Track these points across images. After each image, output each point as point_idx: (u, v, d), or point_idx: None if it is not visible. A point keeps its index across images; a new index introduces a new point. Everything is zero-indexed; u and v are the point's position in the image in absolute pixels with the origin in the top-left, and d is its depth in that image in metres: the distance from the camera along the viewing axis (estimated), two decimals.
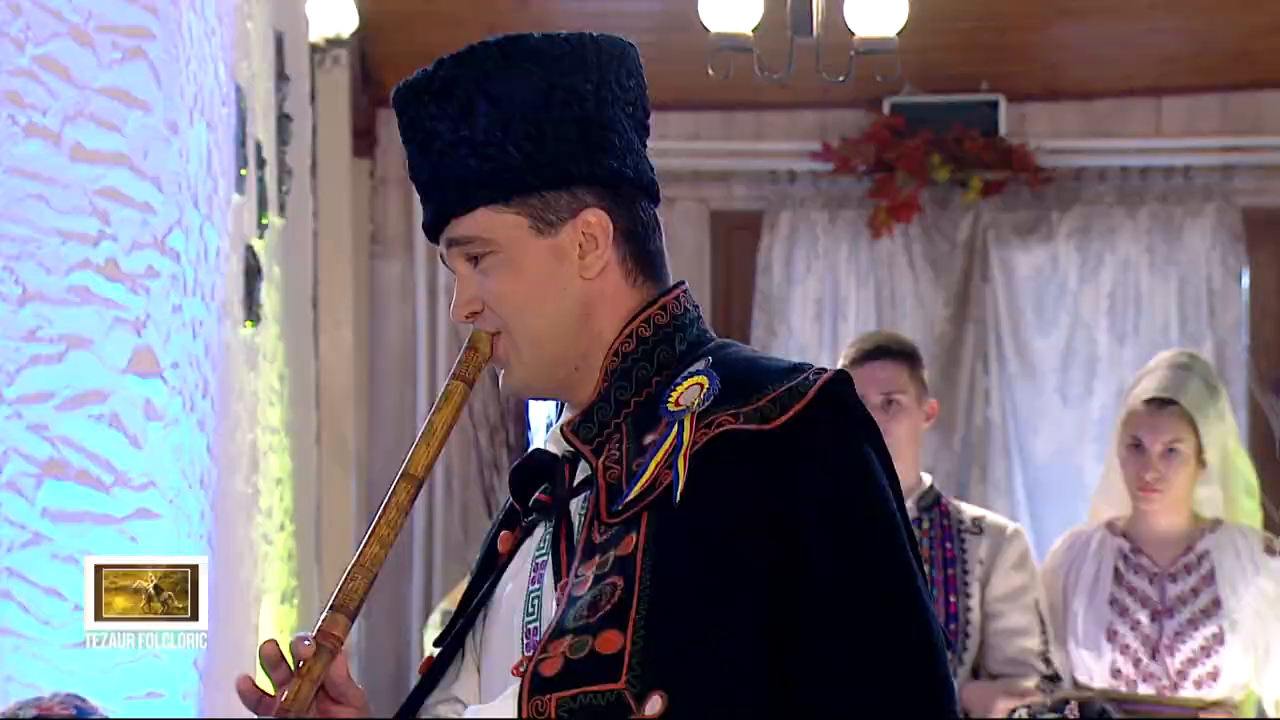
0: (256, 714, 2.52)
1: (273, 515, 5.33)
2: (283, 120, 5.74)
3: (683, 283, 2.69)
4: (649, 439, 2.53)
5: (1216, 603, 5.11)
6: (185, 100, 4.25)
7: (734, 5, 7.16)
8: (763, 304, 9.52)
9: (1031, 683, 4.98)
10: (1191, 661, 5.10)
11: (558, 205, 2.61)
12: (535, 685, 2.41)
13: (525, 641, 2.58)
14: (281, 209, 5.64)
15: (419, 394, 9.74)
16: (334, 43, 7.95)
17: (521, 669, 2.43)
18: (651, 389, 2.60)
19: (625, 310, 2.64)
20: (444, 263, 2.69)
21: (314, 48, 7.35)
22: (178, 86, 4.21)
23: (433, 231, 2.66)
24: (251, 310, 4.98)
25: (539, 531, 2.65)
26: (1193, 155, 9.50)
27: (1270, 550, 5.17)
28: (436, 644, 2.79)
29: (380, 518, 2.58)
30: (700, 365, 2.58)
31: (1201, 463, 5.14)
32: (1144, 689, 5.06)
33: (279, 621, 5.38)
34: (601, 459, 2.56)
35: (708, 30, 7.28)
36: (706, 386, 2.54)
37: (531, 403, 7.58)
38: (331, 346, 8.24)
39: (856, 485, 2.51)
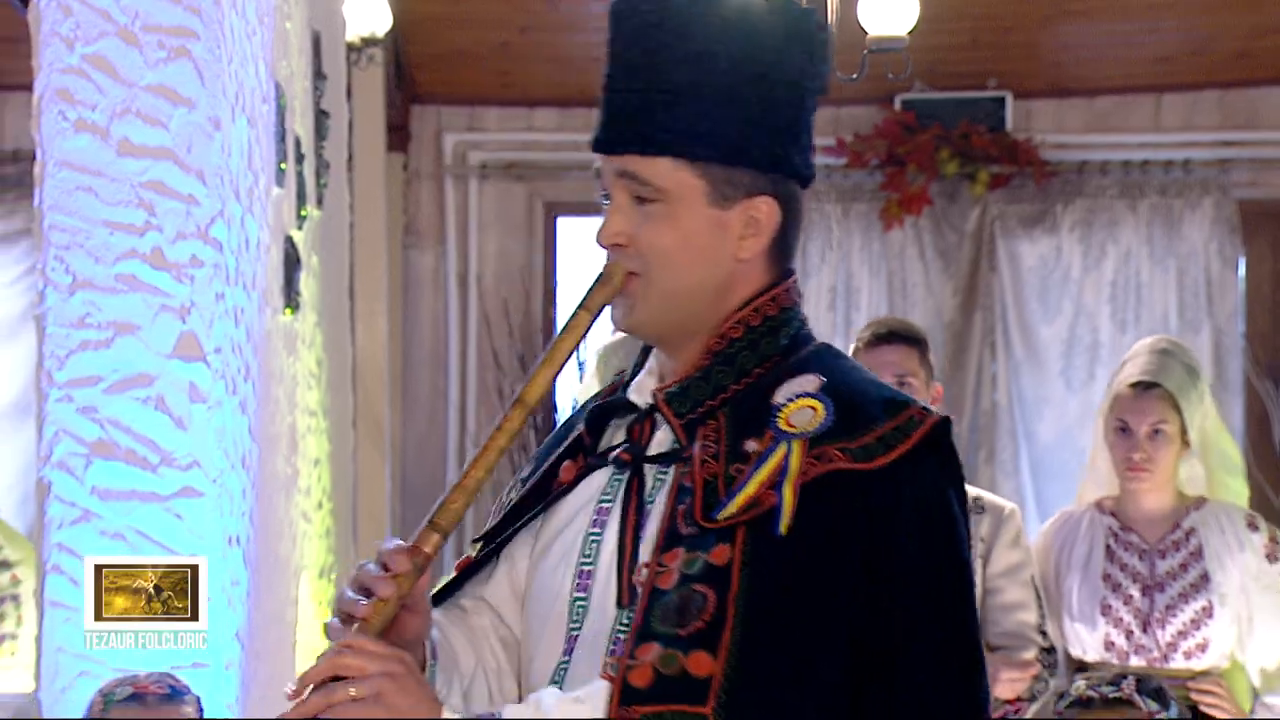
0: (343, 624, 2.45)
1: (311, 494, 5.32)
2: (320, 116, 5.73)
3: (793, 272, 2.63)
4: (750, 446, 2.46)
5: (1205, 577, 5.12)
6: (227, 97, 4.23)
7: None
8: None
9: (1030, 654, 5.01)
10: (1182, 634, 5.11)
11: (739, 183, 2.52)
12: (625, 695, 2.35)
13: (577, 582, 2.55)
14: (319, 201, 5.62)
15: (450, 379, 9.75)
16: (369, 42, 7.94)
17: (611, 673, 2.37)
18: (751, 379, 2.54)
19: (751, 293, 2.58)
20: (598, 177, 2.60)
21: (350, 47, 7.33)
22: (220, 84, 4.20)
23: (605, 147, 2.56)
24: (291, 298, 4.96)
25: (602, 476, 2.60)
26: (1191, 150, 9.52)
27: (1252, 526, 5.20)
28: (475, 542, 2.74)
29: (490, 442, 2.51)
30: (812, 382, 2.51)
31: (1185, 443, 5.17)
32: (1135, 661, 5.08)
33: (317, 595, 5.37)
34: (697, 449, 2.49)
35: None
36: (821, 416, 2.47)
37: (559, 386, 7.54)
38: (367, 333, 8.24)
39: (944, 538, 2.48)
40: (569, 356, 2.56)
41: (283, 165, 4.83)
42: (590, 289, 2.55)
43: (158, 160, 4.11)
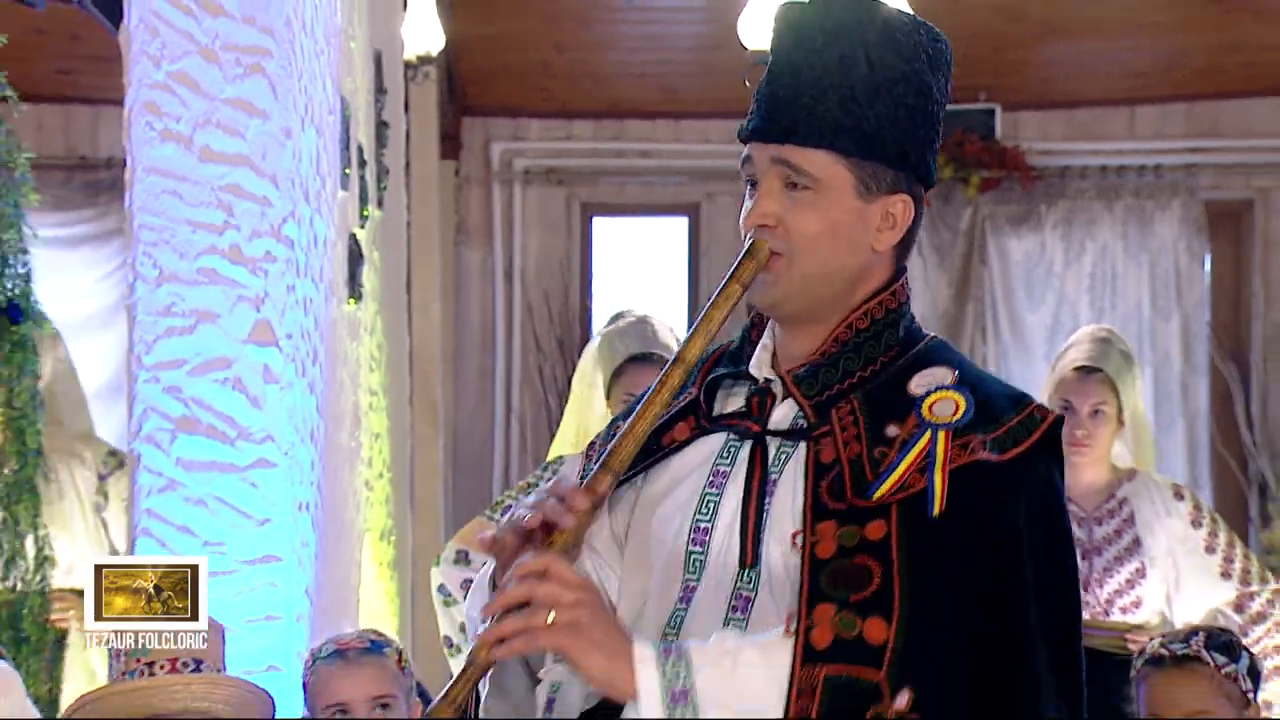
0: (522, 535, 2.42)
1: (372, 465, 5.33)
2: (381, 127, 5.73)
3: (906, 269, 2.59)
4: (892, 431, 2.43)
5: (1137, 542, 5.12)
6: (297, 110, 4.24)
7: (769, 26, 7.14)
8: None
9: None
10: (1118, 593, 5.11)
11: (883, 179, 2.49)
12: (806, 654, 2.30)
13: (692, 537, 2.50)
14: (380, 203, 5.62)
15: (496, 361, 9.76)
16: (424, 60, 7.94)
17: (793, 630, 2.31)
18: (876, 367, 2.51)
19: (877, 286, 2.55)
20: (744, 166, 2.54)
21: (407, 64, 7.33)
22: (291, 98, 4.20)
23: (764, 136, 2.51)
24: (354, 289, 4.96)
25: (718, 440, 2.55)
26: (1161, 156, 9.50)
27: (1178, 496, 5.19)
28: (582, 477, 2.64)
29: (654, 395, 2.48)
30: (947, 375, 2.49)
31: (1120, 421, 5.17)
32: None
33: (378, 556, 5.38)
34: (837, 429, 2.46)
35: (745, 48, 7.25)
36: (963, 409, 2.44)
37: None
38: (422, 321, 8.23)
39: (1056, 522, 2.47)
40: (722, 323, 2.51)
41: (347, 170, 4.83)
42: (738, 263, 2.50)
43: (235, 166, 4.11)
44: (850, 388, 2.50)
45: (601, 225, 10.04)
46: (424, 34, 7.89)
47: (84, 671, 5.26)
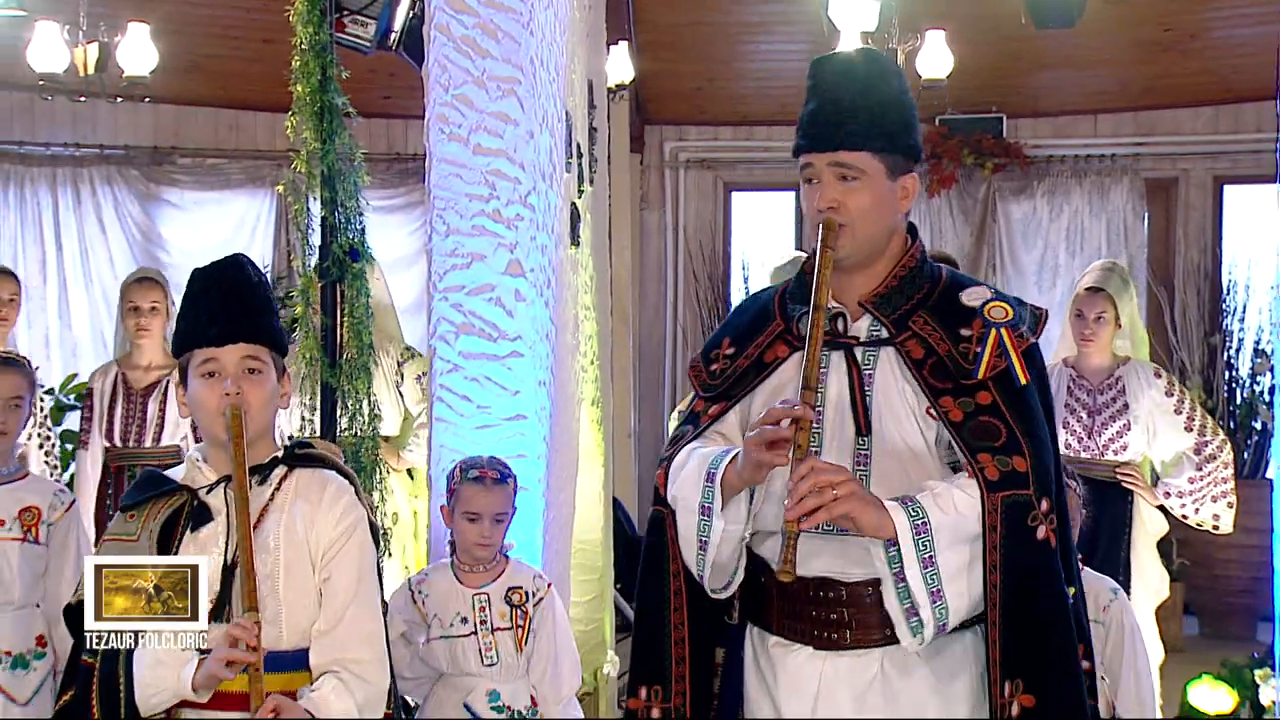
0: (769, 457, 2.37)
1: (585, 354, 5.33)
2: (592, 131, 5.69)
3: (915, 225, 2.64)
4: (965, 332, 2.45)
5: (1126, 406, 5.08)
6: (538, 119, 4.21)
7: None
8: None
9: None
10: (1111, 441, 5.09)
11: (902, 164, 2.51)
12: (988, 485, 2.34)
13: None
14: (591, 181, 5.59)
15: (667, 288, 9.77)
16: (620, 86, 7.90)
17: (972, 473, 2.35)
18: (925, 292, 2.52)
19: (903, 239, 2.57)
20: (803, 170, 2.52)
21: (610, 89, 7.29)
22: (534, 112, 4.18)
23: (822, 146, 2.49)
24: (574, 239, 4.95)
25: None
26: (1115, 149, 9.31)
27: (1158, 374, 5.15)
28: (708, 396, 2.63)
29: (813, 332, 2.42)
30: (986, 292, 2.51)
31: (1118, 325, 5.13)
32: (1084, 455, 5.04)
33: (590, 415, 5.38)
34: (925, 335, 2.46)
35: None
36: (1010, 312, 2.47)
37: None
38: (618, 261, 8.22)
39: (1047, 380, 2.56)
40: (829, 280, 2.48)
41: (570, 160, 4.81)
42: (821, 237, 2.49)
43: (496, 157, 4.10)
44: (914, 307, 2.49)
45: (737, 198, 9.98)
46: (620, 69, 7.86)
47: (400, 484, 5.35)
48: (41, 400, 5.70)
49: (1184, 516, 5.09)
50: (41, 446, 5.47)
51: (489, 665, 3.49)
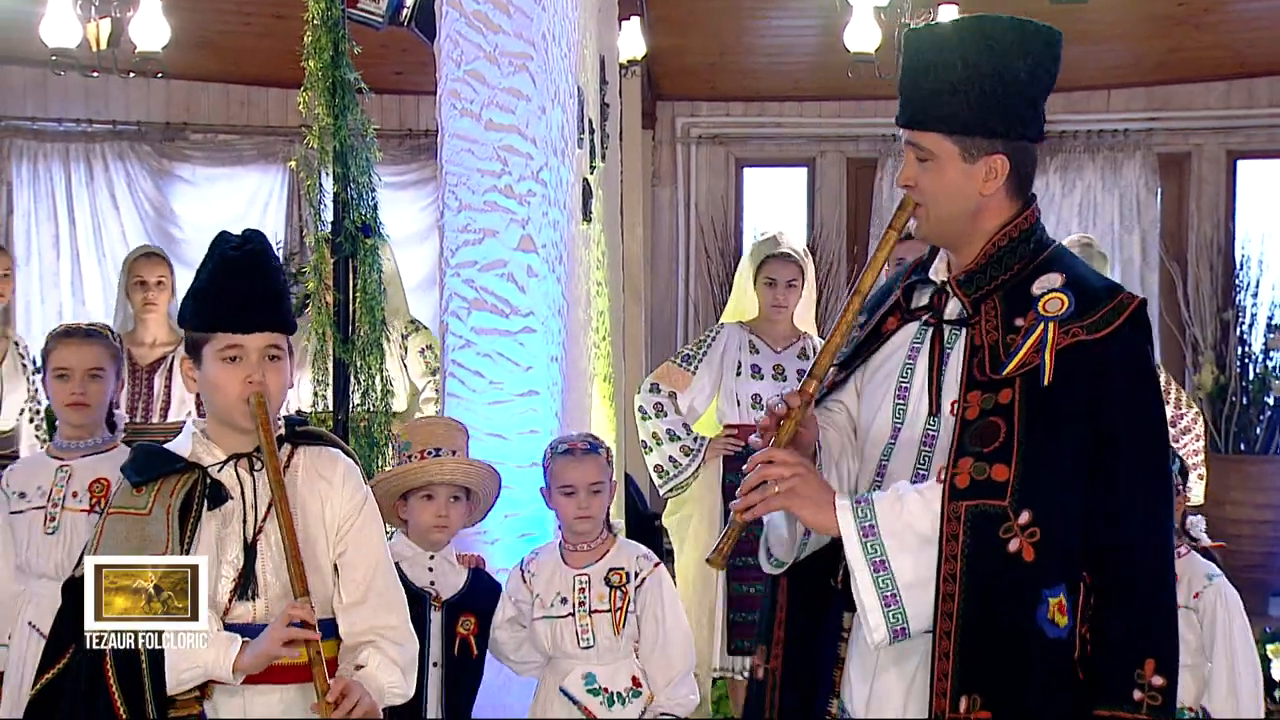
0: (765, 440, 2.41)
1: (598, 330, 5.33)
2: (604, 107, 5.68)
3: (1035, 197, 2.51)
4: (1018, 322, 2.36)
5: None
6: (550, 95, 4.20)
7: (862, 33, 6.97)
8: (877, 210, 9.39)
9: None
10: None
11: (979, 146, 2.41)
12: (951, 493, 2.28)
13: (897, 392, 2.49)
14: (603, 157, 5.58)
15: (679, 264, 9.74)
16: (632, 62, 7.86)
17: (941, 479, 2.30)
18: (1013, 273, 2.42)
19: (1006, 215, 2.45)
20: (907, 143, 2.47)
21: (621, 65, 7.26)
22: (545, 87, 4.17)
23: (900, 123, 2.47)
24: (586, 214, 4.94)
25: (913, 327, 2.52)
26: (1129, 123, 9.26)
27: None
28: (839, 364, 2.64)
29: (841, 320, 2.44)
30: (1057, 280, 2.38)
31: None
32: None
33: (601, 391, 5.38)
34: (980, 320, 2.40)
35: (848, 50, 7.08)
36: (1067, 305, 2.34)
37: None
38: (630, 236, 8.21)
39: (1145, 379, 2.37)
40: (884, 261, 2.47)
41: (581, 135, 4.80)
42: (895, 216, 2.46)
43: (508, 133, 4.09)
44: (994, 289, 2.43)
45: (749, 173, 9.95)
46: (632, 45, 7.82)
47: None
48: (38, 373, 5.69)
49: None
50: (32, 420, 5.47)
51: (585, 648, 3.46)
